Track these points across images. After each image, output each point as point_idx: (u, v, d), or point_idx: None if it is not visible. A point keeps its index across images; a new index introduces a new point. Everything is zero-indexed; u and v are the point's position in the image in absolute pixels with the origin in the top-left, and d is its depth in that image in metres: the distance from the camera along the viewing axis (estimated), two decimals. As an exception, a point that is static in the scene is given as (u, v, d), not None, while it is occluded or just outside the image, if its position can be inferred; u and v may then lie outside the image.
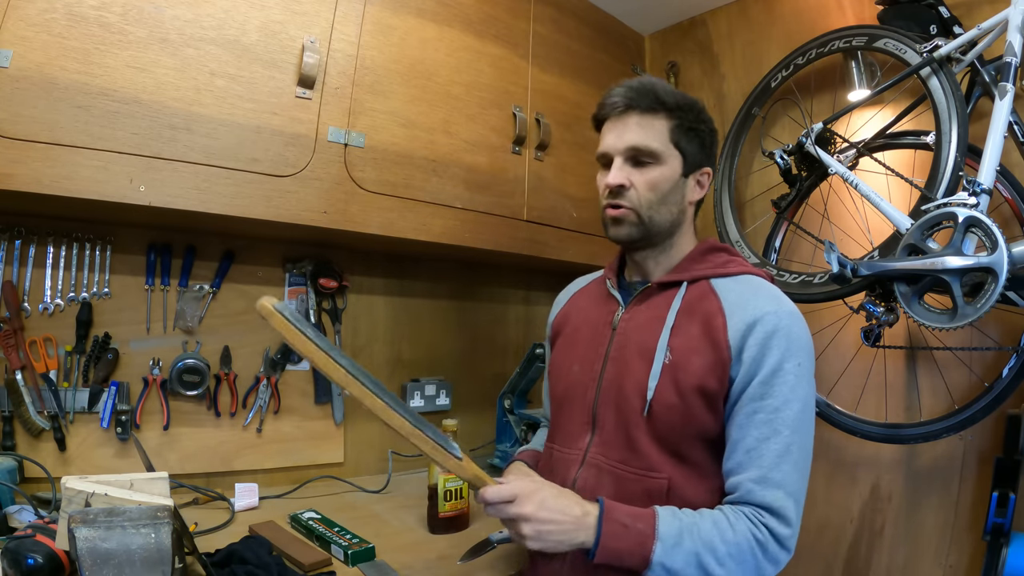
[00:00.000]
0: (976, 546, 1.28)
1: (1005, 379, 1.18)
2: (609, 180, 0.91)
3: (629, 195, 0.91)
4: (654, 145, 0.90)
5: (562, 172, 1.63)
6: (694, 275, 0.92)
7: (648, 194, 0.90)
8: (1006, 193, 1.22)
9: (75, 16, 0.95)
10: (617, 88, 0.93)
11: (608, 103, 0.93)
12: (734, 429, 0.83)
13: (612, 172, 0.91)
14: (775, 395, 0.81)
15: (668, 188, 0.91)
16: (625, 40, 1.92)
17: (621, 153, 0.91)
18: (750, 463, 0.80)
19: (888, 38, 1.32)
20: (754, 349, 0.82)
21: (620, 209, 0.91)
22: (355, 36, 1.24)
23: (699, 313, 0.88)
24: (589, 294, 1.07)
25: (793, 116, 1.64)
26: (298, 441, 1.48)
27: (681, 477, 0.85)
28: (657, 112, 0.90)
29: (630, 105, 0.90)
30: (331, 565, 1.00)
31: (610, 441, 0.90)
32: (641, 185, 0.90)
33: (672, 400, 0.84)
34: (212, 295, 1.37)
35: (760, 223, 1.68)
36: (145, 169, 1.01)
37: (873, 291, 1.23)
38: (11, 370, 1.14)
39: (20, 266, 1.16)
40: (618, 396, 0.90)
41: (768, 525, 0.78)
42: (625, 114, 0.91)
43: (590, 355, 0.96)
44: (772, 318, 0.83)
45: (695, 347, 0.85)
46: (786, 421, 0.80)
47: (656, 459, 0.85)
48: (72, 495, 0.74)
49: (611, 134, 0.93)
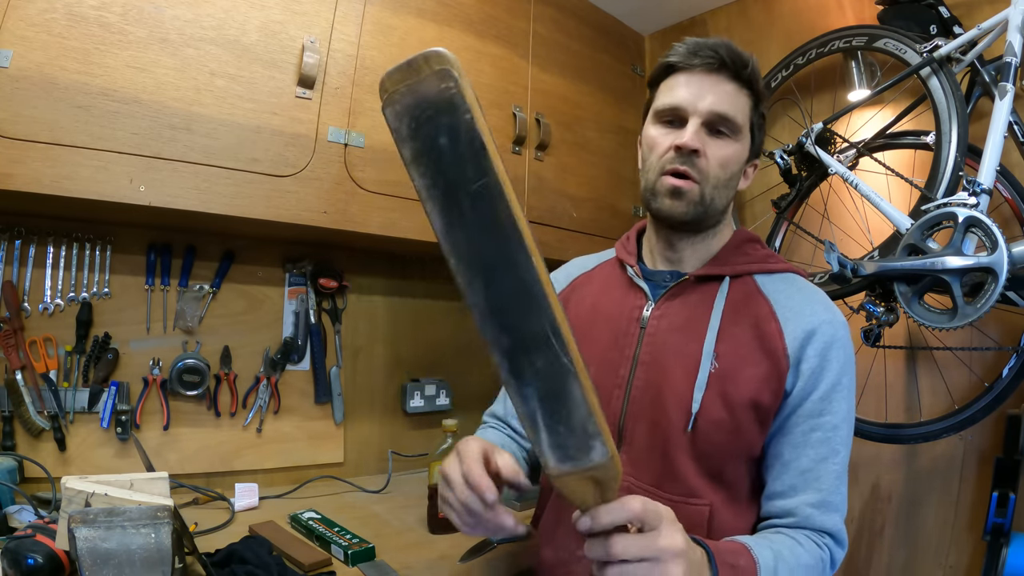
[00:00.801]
0: (976, 546, 1.28)
1: (1005, 379, 1.18)
2: (687, 140, 0.77)
3: (699, 165, 0.78)
4: (740, 118, 0.80)
5: (562, 172, 1.62)
6: (736, 269, 0.82)
7: (718, 170, 0.79)
8: (1006, 193, 1.22)
9: (75, 16, 0.95)
10: (704, 41, 0.80)
11: (694, 52, 0.79)
12: (786, 448, 0.75)
13: (688, 132, 0.77)
14: (834, 412, 0.74)
15: (736, 170, 0.82)
16: (625, 40, 1.92)
17: (702, 115, 0.78)
18: (806, 486, 0.73)
19: (888, 38, 1.32)
20: (813, 361, 0.74)
21: (687, 180, 0.78)
22: (355, 36, 1.24)
23: (747, 315, 0.78)
24: (600, 280, 0.94)
25: (793, 116, 1.64)
26: (298, 441, 1.48)
27: (721, 503, 0.76)
28: (744, 84, 0.80)
29: (725, 65, 0.78)
30: (331, 565, 1.00)
31: (641, 460, 0.79)
32: (714, 159, 0.79)
33: (720, 415, 0.75)
34: (212, 295, 1.37)
35: (760, 223, 1.68)
36: (145, 169, 1.01)
37: (873, 291, 1.23)
38: (11, 370, 1.14)
39: (20, 266, 1.16)
40: (653, 408, 0.79)
41: (831, 549, 0.73)
42: (716, 73, 0.79)
43: (613, 357, 0.83)
44: (829, 328, 0.76)
45: (746, 355, 0.76)
46: (843, 440, 0.75)
47: (696, 482, 0.76)
48: (72, 495, 0.74)
49: (689, 88, 0.79)
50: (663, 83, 0.84)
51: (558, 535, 0.87)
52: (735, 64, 0.79)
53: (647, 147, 0.84)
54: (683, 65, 0.80)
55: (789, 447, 0.75)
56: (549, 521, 0.89)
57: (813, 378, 0.75)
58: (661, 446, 0.78)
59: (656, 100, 0.84)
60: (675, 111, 0.80)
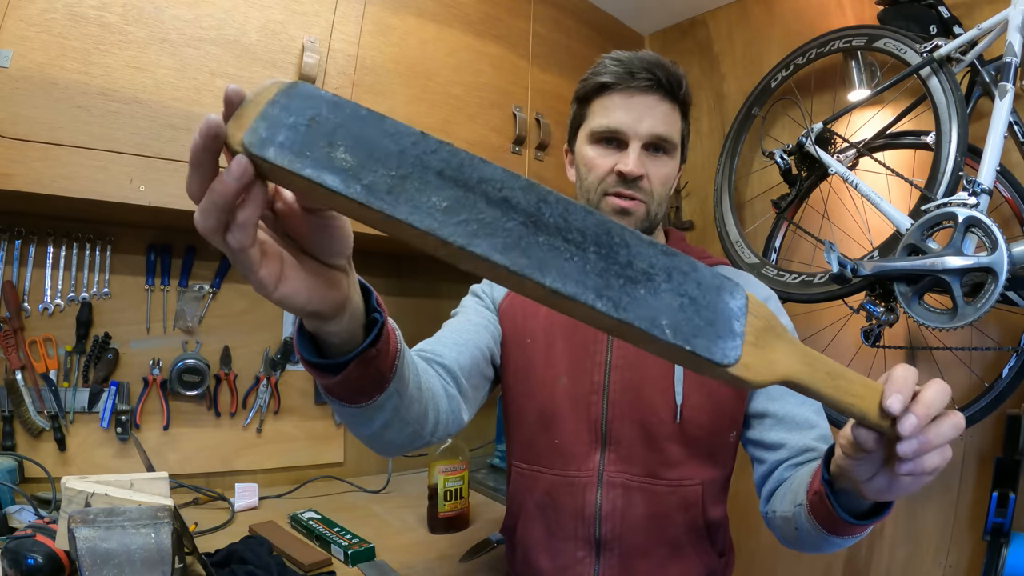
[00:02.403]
0: (976, 546, 1.28)
1: (1005, 379, 1.18)
2: (632, 168, 0.80)
3: (643, 186, 0.82)
4: (676, 137, 0.83)
5: (562, 172, 1.62)
6: None
7: (660, 188, 0.84)
8: (1006, 193, 1.22)
9: (75, 16, 0.95)
10: (636, 58, 0.81)
11: (630, 71, 0.81)
12: (766, 402, 0.81)
13: (632, 159, 0.81)
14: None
15: (673, 184, 0.86)
16: (625, 40, 1.92)
17: (642, 138, 0.82)
18: (799, 427, 0.78)
19: (888, 38, 1.32)
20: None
21: (634, 201, 0.83)
22: (355, 36, 1.24)
23: None
24: None
25: (793, 116, 1.64)
26: (298, 441, 1.48)
27: (710, 480, 0.83)
28: (675, 99, 0.83)
29: (659, 85, 0.81)
30: (331, 565, 1.00)
31: (632, 456, 0.83)
32: (656, 178, 0.83)
33: (700, 400, 0.82)
34: (212, 295, 1.37)
35: (760, 223, 1.68)
36: (145, 169, 1.01)
37: (873, 291, 1.23)
38: (11, 370, 1.14)
39: (20, 266, 1.16)
40: (638, 408, 0.83)
41: None
42: (649, 93, 0.81)
43: (584, 365, 0.86)
44: (774, 303, 0.88)
45: None
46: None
47: (688, 466, 0.82)
48: (72, 495, 0.74)
49: (627, 112, 0.81)
50: (596, 101, 0.85)
51: (553, 544, 0.87)
52: (671, 85, 0.82)
53: (584, 167, 0.86)
54: (612, 84, 0.82)
55: (768, 401, 0.82)
56: (538, 532, 0.88)
57: None
58: (653, 440, 0.82)
59: (591, 119, 0.85)
60: (615, 133, 0.83)
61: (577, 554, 0.85)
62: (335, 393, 0.51)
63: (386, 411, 0.56)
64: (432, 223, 0.32)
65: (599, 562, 0.84)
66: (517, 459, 0.92)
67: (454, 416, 0.74)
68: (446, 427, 0.73)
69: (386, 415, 0.57)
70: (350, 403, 0.53)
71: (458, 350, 0.82)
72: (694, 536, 0.83)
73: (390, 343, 0.51)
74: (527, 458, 0.90)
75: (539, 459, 0.88)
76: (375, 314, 0.48)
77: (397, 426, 0.60)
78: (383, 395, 0.54)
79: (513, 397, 0.92)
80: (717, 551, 0.86)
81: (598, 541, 0.83)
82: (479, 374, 0.85)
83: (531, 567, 0.89)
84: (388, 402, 0.55)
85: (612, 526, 0.82)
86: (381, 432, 0.59)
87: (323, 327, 0.45)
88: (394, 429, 0.60)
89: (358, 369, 0.48)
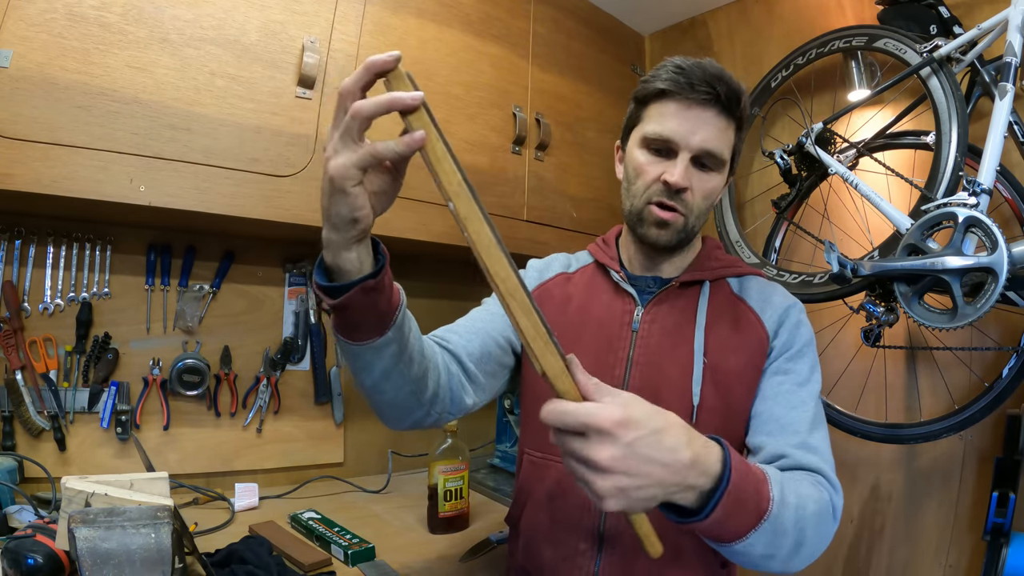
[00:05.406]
0: (976, 546, 1.28)
1: (1005, 379, 1.18)
2: (677, 180, 0.80)
3: (686, 199, 0.82)
4: (726, 153, 0.83)
5: (562, 172, 1.63)
6: (714, 275, 0.90)
7: (702, 203, 0.84)
8: (1006, 193, 1.22)
9: (75, 16, 0.95)
10: (700, 69, 0.79)
11: (691, 83, 0.79)
12: (760, 404, 0.82)
13: (679, 171, 0.80)
14: (799, 372, 0.82)
15: (717, 197, 0.86)
16: (625, 40, 1.92)
17: (692, 151, 0.81)
18: (781, 431, 0.78)
19: (888, 38, 1.32)
20: (786, 334, 0.85)
21: (674, 213, 0.83)
22: (355, 36, 1.24)
23: (728, 313, 0.87)
24: (582, 284, 0.96)
25: (793, 116, 1.64)
26: (298, 441, 1.48)
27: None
28: (732, 116, 0.82)
29: (717, 99, 0.79)
30: (331, 565, 1.00)
31: None
32: (699, 192, 0.83)
33: (715, 403, 0.83)
34: (212, 295, 1.37)
35: (760, 223, 1.68)
36: (145, 169, 1.01)
37: (873, 291, 1.23)
38: (11, 370, 1.14)
39: (20, 266, 1.16)
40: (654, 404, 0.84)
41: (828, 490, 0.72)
42: (706, 107, 0.80)
43: (607, 359, 0.87)
44: (796, 312, 0.88)
45: (730, 347, 0.84)
46: (812, 394, 0.81)
47: None
48: (72, 495, 0.74)
49: (681, 122, 0.80)
50: (653, 106, 0.84)
51: (557, 534, 0.87)
52: (729, 100, 0.80)
53: (633, 171, 0.86)
54: (676, 94, 0.81)
55: (760, 401, 0.83)
56: (543, 521, 0.89)
57: (786, 345, 0.85)
58: None
59: (645, 123, 0.85)
60: (666, 142, 0.82)
61: (579, 546, 0.85)
62: (339, 327, 0.62)
63: (384, 359, 0.65)
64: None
65: (600, 556, 0.84)
66: (530, 447, 0.93)
67: (454, 395, 0.79)
68: (444, 403, 0.78)
69: (385, 363, 0.65)
70: (352, 339, 0.62)
71: (468, 337, 0.86)
72: (698, 541, 0.83)
73: (393, 291, 0.63)
74: (541, 446, 0.91)
75: (552, 448, 0.89)
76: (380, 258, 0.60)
77: (396, 379, 0.67)
78: (382, 339, 0.63)
79: (531, 385, 0.94)
80: (719, 562, 0.86)
81: (601, 535, 0.84)
82: (493, 361, 0.88)
83: (533, 557, 0.89)
84: (387, 349, 0.64)
85: (617, 521, 0.83)
86: (381, 383, 0.67)
87: (341, 254, 0.57)
88: (392, 382, 0.67)
89: (359, 295, 0.58)
